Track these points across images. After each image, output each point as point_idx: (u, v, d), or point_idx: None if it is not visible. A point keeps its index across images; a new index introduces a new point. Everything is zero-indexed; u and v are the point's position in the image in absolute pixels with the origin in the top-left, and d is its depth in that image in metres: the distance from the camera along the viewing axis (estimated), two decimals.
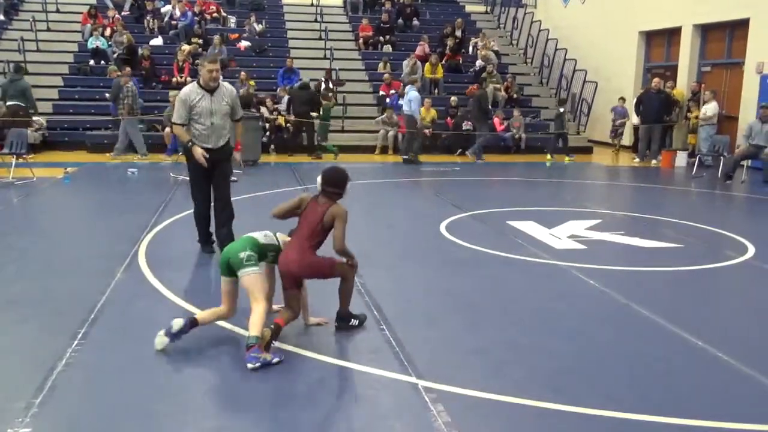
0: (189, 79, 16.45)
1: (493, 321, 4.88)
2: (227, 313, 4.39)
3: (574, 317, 4.99)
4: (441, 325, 4.82)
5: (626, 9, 18.15)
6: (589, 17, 19.69)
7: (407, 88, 14.99)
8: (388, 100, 16.75)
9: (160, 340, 4.12)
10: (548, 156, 15.45)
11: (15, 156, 10.96)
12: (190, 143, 6.02)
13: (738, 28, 14.89)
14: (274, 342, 4.11)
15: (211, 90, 6.02)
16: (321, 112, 14.82)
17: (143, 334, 4.31)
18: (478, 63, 18.68)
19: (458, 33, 19.91)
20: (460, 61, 19.09)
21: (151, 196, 9.43)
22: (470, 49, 19.83)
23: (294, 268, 4.27)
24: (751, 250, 7.02)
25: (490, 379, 3.88)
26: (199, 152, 5.98)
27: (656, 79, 15.64)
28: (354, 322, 4.60)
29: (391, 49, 19.56)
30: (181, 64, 16.60)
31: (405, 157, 14.20)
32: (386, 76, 17.39)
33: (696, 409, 3.55)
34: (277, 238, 4.48)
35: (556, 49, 19.56)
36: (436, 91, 17.87)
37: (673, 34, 16.80)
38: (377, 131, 15.87)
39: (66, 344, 4.19)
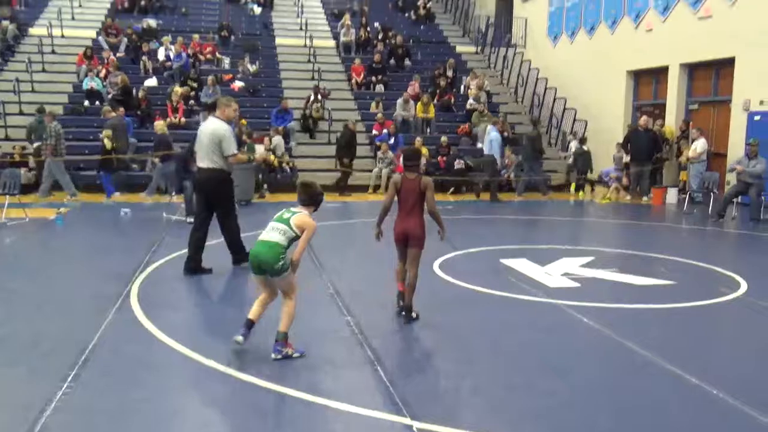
0: (183, 119, 16.60)
1: (488, 360, 4.85)
2: (269, 298, 4.89)
3: (569, 355, 4.97)
4: (435, 364, 4.78)
5: (614, 49, 18.45)
6: (577, 57, 20.00)
7: (489, 128, 15.68)
8: (375, 133, 16.92)
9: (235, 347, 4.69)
10: (580, 192, 15.79)
11: (8, 196, 10.95)
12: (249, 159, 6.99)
13: (724, 67, 15.15)
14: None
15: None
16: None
17: (135, 377, 4.26)
18: (470, 102, 18.89)
19: (450, 73, 20.19)
20: (452, 101, 19.31)
21: (144, 237, 9.40)
22: (462, 88, 20.07)
23: (415, 230, 5.52)
24: (744, 286, 7.03)
25: (486, 418, 3.84)
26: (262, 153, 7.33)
27: (644, 118, 15.83)
28: (414, 314, 5.59)
29: (383, 88, 19.77)
30: (175, 104, 16.73)
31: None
32: (379, 115, 17.56)
33: None
34: (290, 227, 4.72)
35: (546, 89, 19.81)
36: (428, 130, 18.02)
37: (661, 73, 17.06)
38: (371, 170, 15.96)
39: (56, 387, 4.13)
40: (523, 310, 6.20)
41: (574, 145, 17.06)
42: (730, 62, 14.79)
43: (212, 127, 7.01)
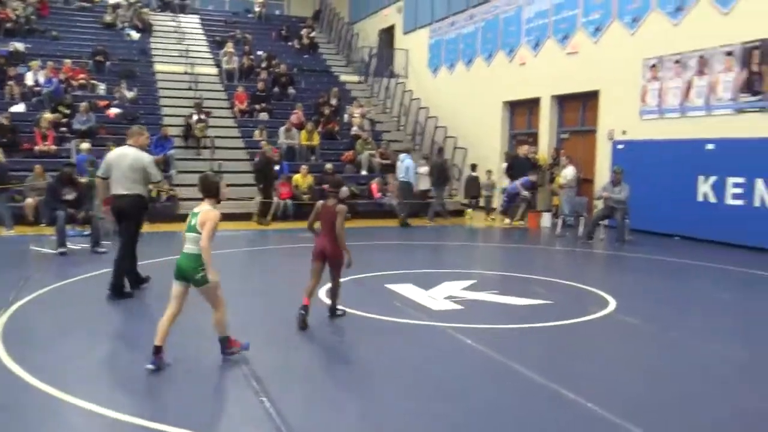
0: (54, 147, 15.72)
1: (375, 386, 4.82)
2: (177, 311, 5.02)
3: (455, 378, 5.03)
4: (325, 393, 4.71)
5: (490, 81, 19.27)
6: (456, 88, 20.72)
7: (402, 156, 16.17)
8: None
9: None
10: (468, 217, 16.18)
11: None
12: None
13: (590, 99, 16.15)
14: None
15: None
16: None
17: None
18: (354, 130, 19.09)
19: (334, 101, 20.34)
20: (336, 129, 19.43)
21: (10, 272, 8.76)
22: (345, 117, 20.26)
23: (332, 249, 6.25)
24: (613, 304, 7.42)
25: None
26: None
27: (525, 147, 16.62)
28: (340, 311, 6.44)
29: (267, 116, 19.62)
30: (44, 131, 15.82)
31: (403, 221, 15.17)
32: (263, 143, 17.38)
33: None
34: (198, 231, 4.87)
35: (427, 118, 20.36)
36: (312, 157, 18.03)
37: (534, 104, 17.97)
38: (254, 198, 15.73)
39: None
40: (409, 334, 6.24)
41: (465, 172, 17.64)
42: (595, 95, 15.80)
43: (133, 156, 7.31)
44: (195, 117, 17.88)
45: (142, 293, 7.74)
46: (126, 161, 7.29)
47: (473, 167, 17.38)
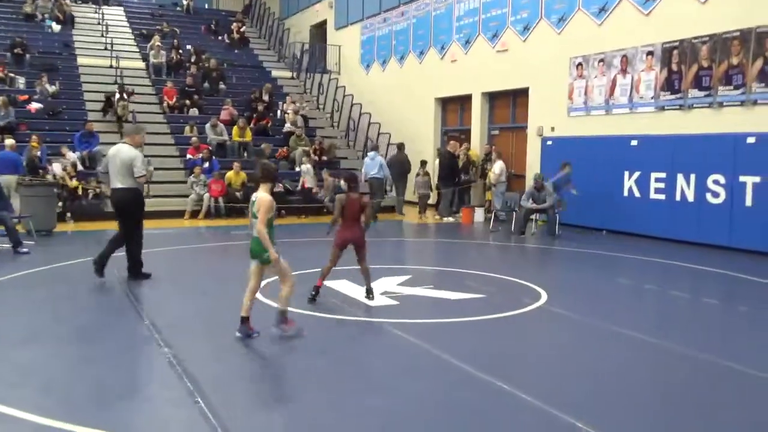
0: None
1: (312, 382, 4.83)
2: (256, 286, 5.84)
3: (390, 372, 5.08)
4: (261, 391, 4.68)
5: (422, 77, 19.45)
6: (389, 84, 20.83)
7: (371, 153, 16.16)
8: (189, 157, 16.45)
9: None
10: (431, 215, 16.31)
11: None
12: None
13: (520, 96, 16.52)
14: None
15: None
16: None
17: None
18: (287, 126, 18.95)
19: (266, 97, 20.13)
20: (269, 125, 19.25)
21: None
22: (278, 113, 20.08)
23: (359, 236, 7.12)
24: (544, 296, 7.64)
25: None
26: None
27: (452, 143, 16.84)
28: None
29: (197, 112, 19.26)
30: None
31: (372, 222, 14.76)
32: (194, 139, 17.07)
33: None
34: (257, 216, 5.59)
35: (360, 114, 20.40)
36: (245, 153, 17.82)
37: (466, 101, 18.25)
38: (186, 195, 15.44)
39: None
40: (346, 330, 6.27)
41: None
42: (524, 92, 16.17)
43: (124, 152, 8.01)
44: (117, 96, 17.74)
45: (53, 292, 7.51)
46: (119, 157, 8.00)
47: (422, 163, 17.50)
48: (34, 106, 17.28)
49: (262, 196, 5.64)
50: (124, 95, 18.10)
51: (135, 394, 4.56)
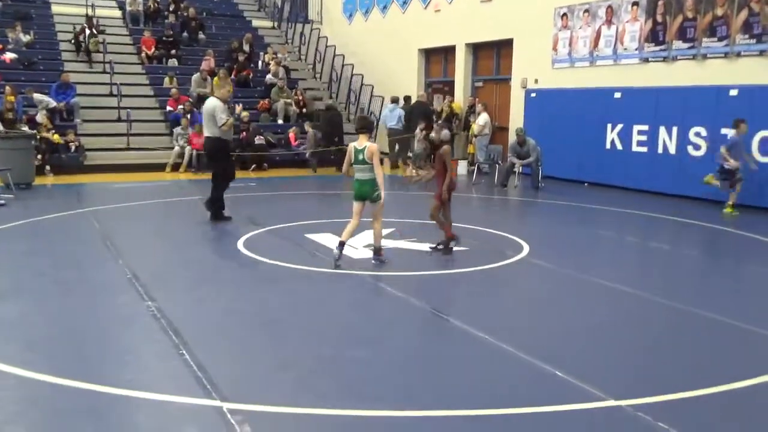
0: None
1: (297, 335, 4.87)
2: (357, 224, 6.90)
3: (376, 325, 5.14)
4: (244, 344, 4.72)
5: (406, 28, 19.18)
6: (372, 35, 20.52)
7: (391, 105, 16.38)
8: (170, 109, 16.21)
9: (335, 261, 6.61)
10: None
11: None
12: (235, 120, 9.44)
13: (504, 48, 16.37)
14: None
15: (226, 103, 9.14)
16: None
17: None
18: (268, 78, 18.69)
19: (246, 48, 19.78)
20: (250, 76, 18.98)
21: None
22: (260, 64, 19.77)
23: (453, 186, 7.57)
24: (526, 249, 7.71)
25: (298, 393, 3.87)
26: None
27: (421, 93, 16.80)
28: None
29: (177, 63, 18.91)
30: None
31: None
32: (173, 91, 16.79)
33: (488, 399, 3.82)
34: (367, 162, 6.72)
35: (343, 65, 20.14)
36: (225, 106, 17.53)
37: (449, 52, 18.05)
38: (170, 148, 15.28)
39: None
40: (330, 283, 6.31)
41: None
42: (509, 43, 16.01)
43: (209, 104, 8.97)
44: (87, 31, 17.44)
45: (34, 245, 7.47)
46: (206, 109, 9.01)
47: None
48: (9, 56, 16.86)
49: (370, 145, 6.72)
50: (94, 30, 17.81)
51: (119, 347, 4.58)
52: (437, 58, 18.86)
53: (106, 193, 11.69)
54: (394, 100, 16.94)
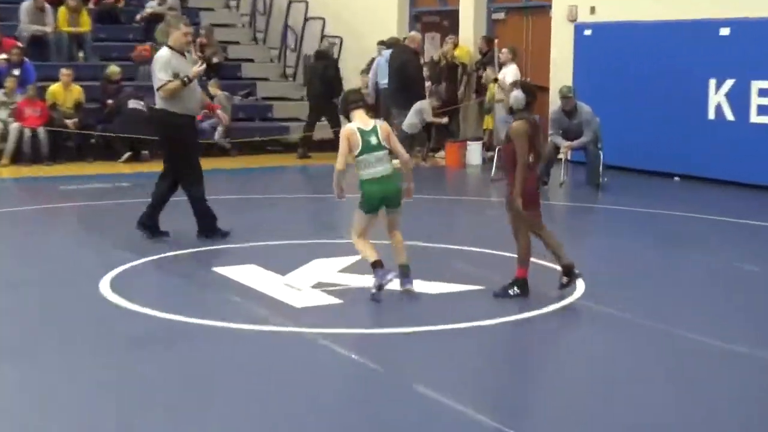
0: None
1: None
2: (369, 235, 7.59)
3: (328, 413, 5.06)
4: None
5: None
6: None
7: (387, 52, 16.81)
8: None
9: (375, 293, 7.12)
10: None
11: None
12: (186, 79, 9.06)
13: None
14: None
15: (183, 54, 9.52)
16: None
17: None
18: (150, 5, 18.55)
19: None
20: (119, 6, 18.90)
21: None
22: None
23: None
24: (580, 287, 7.64)
25: None
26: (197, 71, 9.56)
27: (413, 34, 16.75)
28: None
29: None
30: None
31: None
32: None
33: None
34: (384, 146, 7.45)
35: None
36: (80, 53, 17.48)
37: None
38: None
39: None
40: (257, 348, 6.27)
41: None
42: None
43: (154, 59, 9.66)
44: None
45: None
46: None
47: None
48: None
49: (381, 123, 7.62)
50: None
51: None
52: None
53: None
54: (390, 44, 17.04)
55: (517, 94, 7.44)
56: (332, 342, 6.25)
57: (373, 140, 7.26)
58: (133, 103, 15.74)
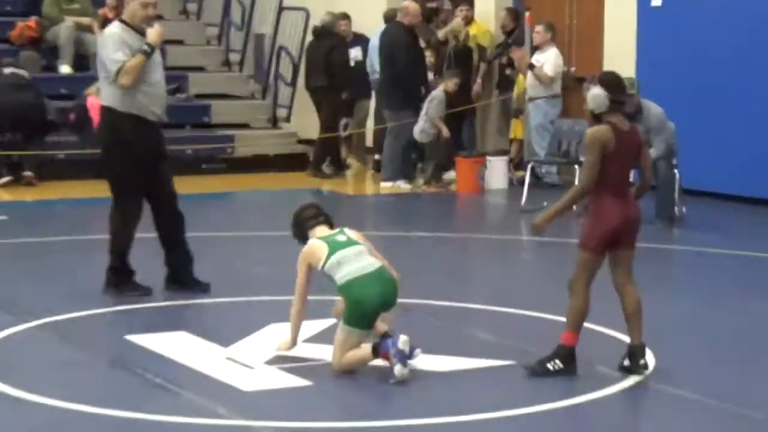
0: None
1: None
2: None
3: None
4: None
5: None
6: None
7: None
8: None
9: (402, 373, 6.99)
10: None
11: None
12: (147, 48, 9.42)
13: None
14: None
15: (141, 33, 9.65)
16: None
17: None
18: None
19: None
20: None
21: None
22: None
23: (638, 219, 7.62)
24: (649, 361, 7.63)
25: None
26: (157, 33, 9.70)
27: (407, 3, 16.85)
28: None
29: None
30: None
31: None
32: None
33: None
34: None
35: None
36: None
37: None
38: None
39: None
40: None
41: None
42: None
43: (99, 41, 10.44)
44: None
45: None
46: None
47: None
48: None
49: (349, 229, 7.84)
50: None
51: None
52: None
53: None
54: (387, 18, 17.40)
55: (596, 93, 7.29)
56: None
57: (341, 237, 7.49)
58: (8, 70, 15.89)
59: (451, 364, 7.63)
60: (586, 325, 7.52)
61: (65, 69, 18.14)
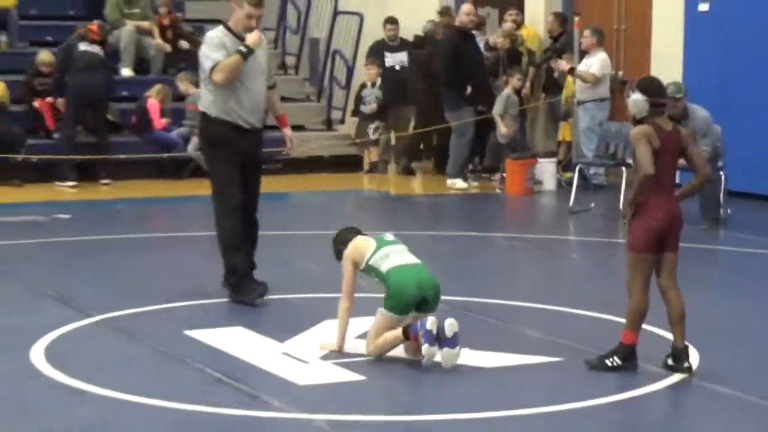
0: None
1: None
2: None
3: None
4: None
5: None
6: None
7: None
8: None
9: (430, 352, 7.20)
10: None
11: None
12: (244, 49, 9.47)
13: None
14: None
15: (242, 39, 9.67)
16: None
17: None
18: None
19: None
20: None
21: None
22: None
23: (680, 218, 7.60)
24: (694, 358, 7.64)
25: None
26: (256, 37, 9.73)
27: (467, 7, 16.82)
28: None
29: None
30: None
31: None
32: None
33: None
34: None
35: None
36: (2, 38, 17.64)
37: None
38: None
39: None
40: None
41: None
42: None
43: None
44: None
45: None
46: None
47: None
48: None
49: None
50: None
51: None
52: None
53: None
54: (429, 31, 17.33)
55: (635, 98, 7.32)
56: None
57: (388, 237, 7.86)
58: (84, 46, 16.02)
59: (500, 360, 7.66)
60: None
61: (126, 72, 18.27)
